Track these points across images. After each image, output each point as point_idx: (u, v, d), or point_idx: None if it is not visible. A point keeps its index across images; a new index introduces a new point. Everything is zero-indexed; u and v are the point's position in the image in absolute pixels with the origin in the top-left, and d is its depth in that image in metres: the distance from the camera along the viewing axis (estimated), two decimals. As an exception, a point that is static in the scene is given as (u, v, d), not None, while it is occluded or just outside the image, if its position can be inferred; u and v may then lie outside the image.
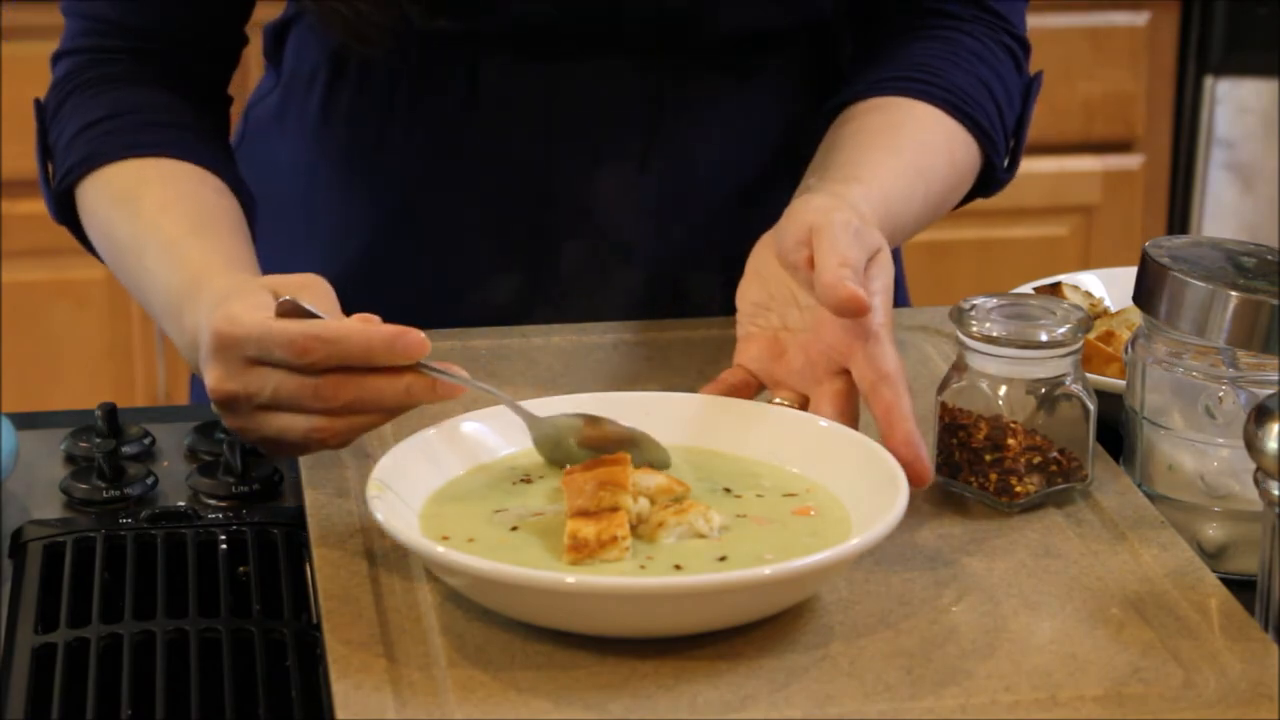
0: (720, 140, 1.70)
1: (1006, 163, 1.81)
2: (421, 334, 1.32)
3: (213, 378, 1.35)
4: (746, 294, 1.53)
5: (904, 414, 1.35)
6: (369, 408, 1.33)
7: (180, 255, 1.56)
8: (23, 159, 2.91)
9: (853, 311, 1.36)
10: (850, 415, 1.41)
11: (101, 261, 1.75)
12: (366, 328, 1.32)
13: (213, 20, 1.72)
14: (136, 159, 1.66)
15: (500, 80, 1.70)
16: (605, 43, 1.68)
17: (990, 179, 1.80)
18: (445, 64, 1.71)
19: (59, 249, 2.95)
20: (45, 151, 1.74)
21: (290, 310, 1.33)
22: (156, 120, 1.68)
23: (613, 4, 1.67)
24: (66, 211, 1.72)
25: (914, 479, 1.31)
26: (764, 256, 1.53)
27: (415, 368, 1.32)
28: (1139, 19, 3.10)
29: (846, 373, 1.40)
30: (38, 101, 1.75)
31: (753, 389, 1.47)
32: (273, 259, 1.75)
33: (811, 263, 1.41)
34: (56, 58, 1.77)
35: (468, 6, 1.64)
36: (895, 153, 1.68)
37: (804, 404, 1.43)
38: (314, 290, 1.41)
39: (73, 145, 1.69)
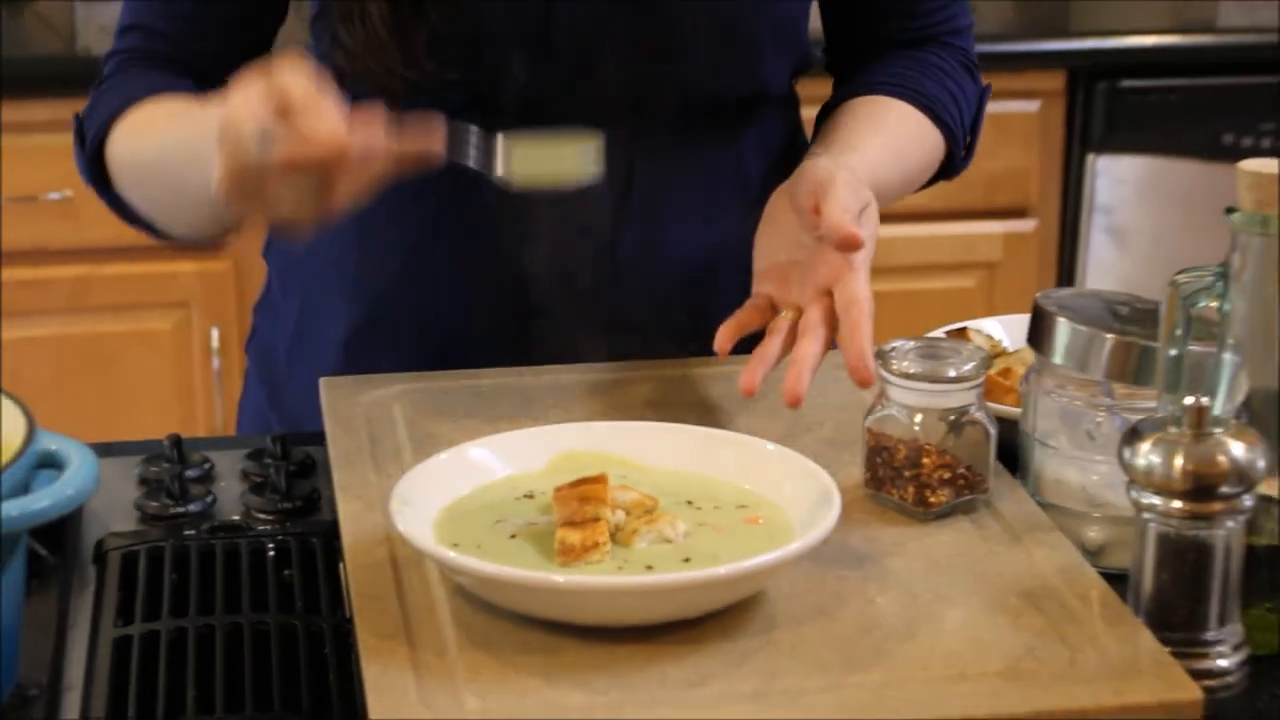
0: (688, 204, 1.69)
1: (964, 154, 1.85)
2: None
3: (225, 151, 1.32)
4: (763, 237, 1.60)
5: (863, 333, 1.43)
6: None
7: (193, 120, 1.52)
8: (107, 226, 2.92)
9: (850, 246, 1.45)
10: (830, 324, 1.47)
11: (133, 218, 1.72)
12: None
13: (243, 49, 1.67)
14: (146, 102, 1.65)
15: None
16: (582, 114, 1.66)
17: (951, 167, 1.85)
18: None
19: (136, 304, 2.97)
20: (81, 132, 1.71)
21: None
22: (172, 86, 1.67)
23: (583, 68, 1.65)
24: (98, 171, 1.70)
25: (860, 382, 1.40)
26: (779, 206, 1.60)
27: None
28: (1032, 106, 3.11)
29: (831, 293, 1.47)
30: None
31: (766, 313, 1.54)
32: (307, 305, 1.79)
33: (818, 209, 1.48)
34: (106, 57, 1.76)
35: (462, 61, 1.63)
36: (881, 134, 1.73)
37: (799, 317, 1.49)
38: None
39: (99, 113, 1.68)
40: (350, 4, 1.61)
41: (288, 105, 1.27)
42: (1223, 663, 1.26)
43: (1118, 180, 3.15)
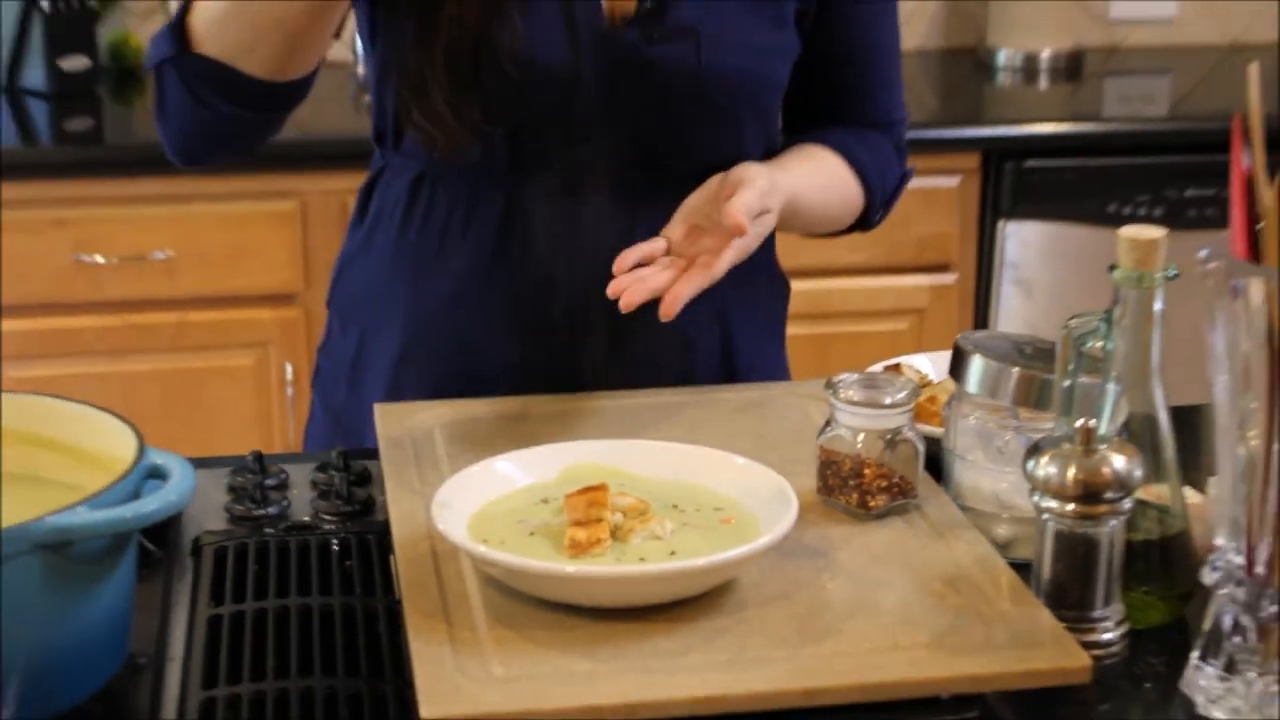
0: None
1: (879, 215, 1.84)
2: None
3: None
4: (691, 199, 1.60)
5: (692, 282, 1.49)
6: None
7: None
8: (201, 280, 2.94)
9: (734, 233, 1.50)
10: (701, 275, 1.51)
11: (206, 87, 1.56)
12: None
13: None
14: None
15: (525, 202, 1.67)
16: (597, 171, 1.66)
17: (867, 221, 1.83)
18: (486, 191, 1.68)
19: (224, 344, 2.98)
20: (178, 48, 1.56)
21: None
22: None
23: (600, 135, 1.65)
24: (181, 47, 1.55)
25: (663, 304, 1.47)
26: (710, 184, 1.59)
27: None
28: (953, 181, 3.11)
29: (716, 251, 1.52)
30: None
31: (660, 252, 1.55)
32: (364, 337, 1.77)
33: (729, 198, 1.51)
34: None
35: (504, 124, 1.63)
36: (814, 170, 1.73)
37: (689, 263, 1.53)
38: None
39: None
40: (415, 79, 1.61)
41: None
42: (1107, 635, 1.26)
43: (1023, 242, 3.16)
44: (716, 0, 1.65)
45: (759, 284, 1.79)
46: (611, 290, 1.49)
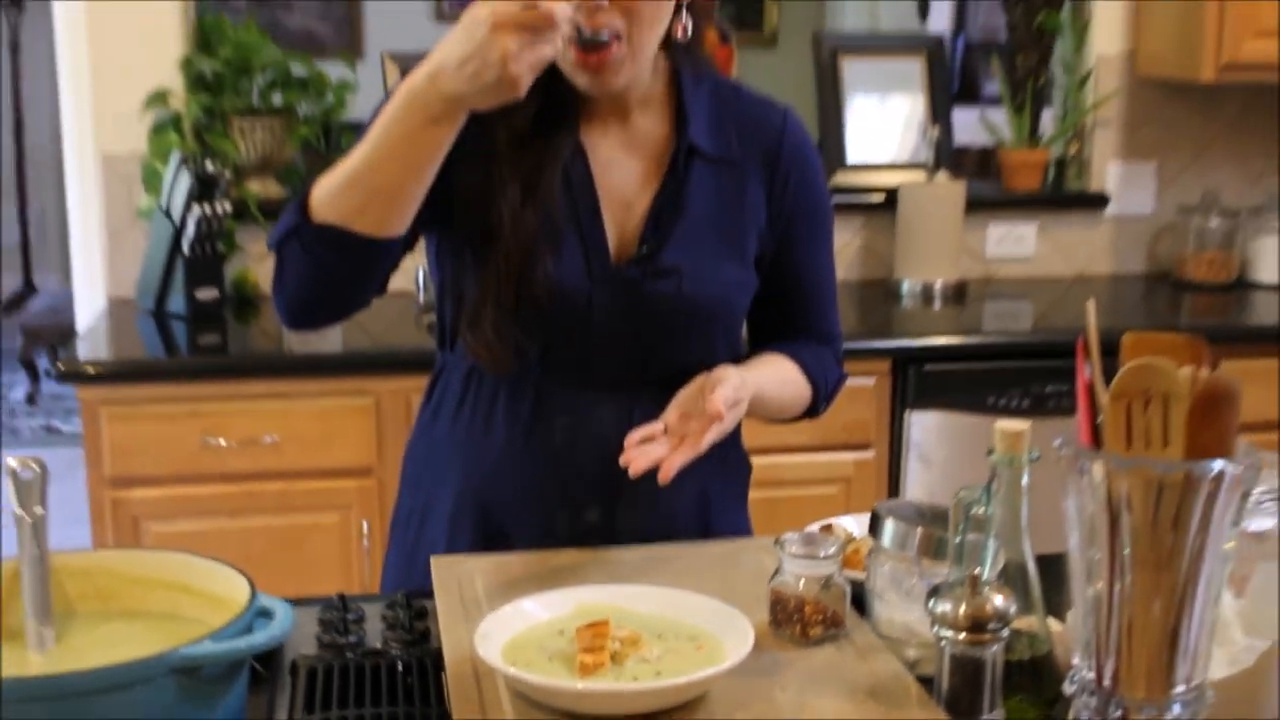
0: None
1: (823, 407, 1.83)
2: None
3: (493, 11, 1.36)
4: (682, 392, 1.60)
5: (682, 455, 1.51)
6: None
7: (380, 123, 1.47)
8: (303, 458, 2.95)
9: (714, 419, 1.50)
10: (691, 450, 1.52)
11: (323, 237, 1.51)
12: None
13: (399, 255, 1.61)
14: None
15: (547, 395, 1.67)
16: (605, 372, 1.67)
17: (814, 411, 1.82)
18: (520, 387, 1.68)
19: (316, 507, 2.97)
20: (302, 219, 1.53)
21: None
22: None
23: (607, 345, 1.66)
24: (304, 218, 1.52)
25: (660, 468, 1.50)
26: (696, 381, 1.59)
27: None
28: (871, 381, 3.13)
29: (700, 432, 1.52)
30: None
31: (659, 432, 1.55)
32: (428, 499, 1.76)
33: (711, 391, 1.53)
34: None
35: (537, 339, 1.64)
36: (773, 372, 1.73)
37: (681, 440, 1.54)
38: None
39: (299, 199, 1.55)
40: (471, 311, 1.63)
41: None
42: (993, 735, 1.26)
43: (924, 427, 3.16)
44: (695, 247, 1.67)
45: (729, 461, 1.79)
46: (623, 460, 1.51)
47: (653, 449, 1.52)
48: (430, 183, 1.50)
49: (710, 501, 1.75)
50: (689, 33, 1.64)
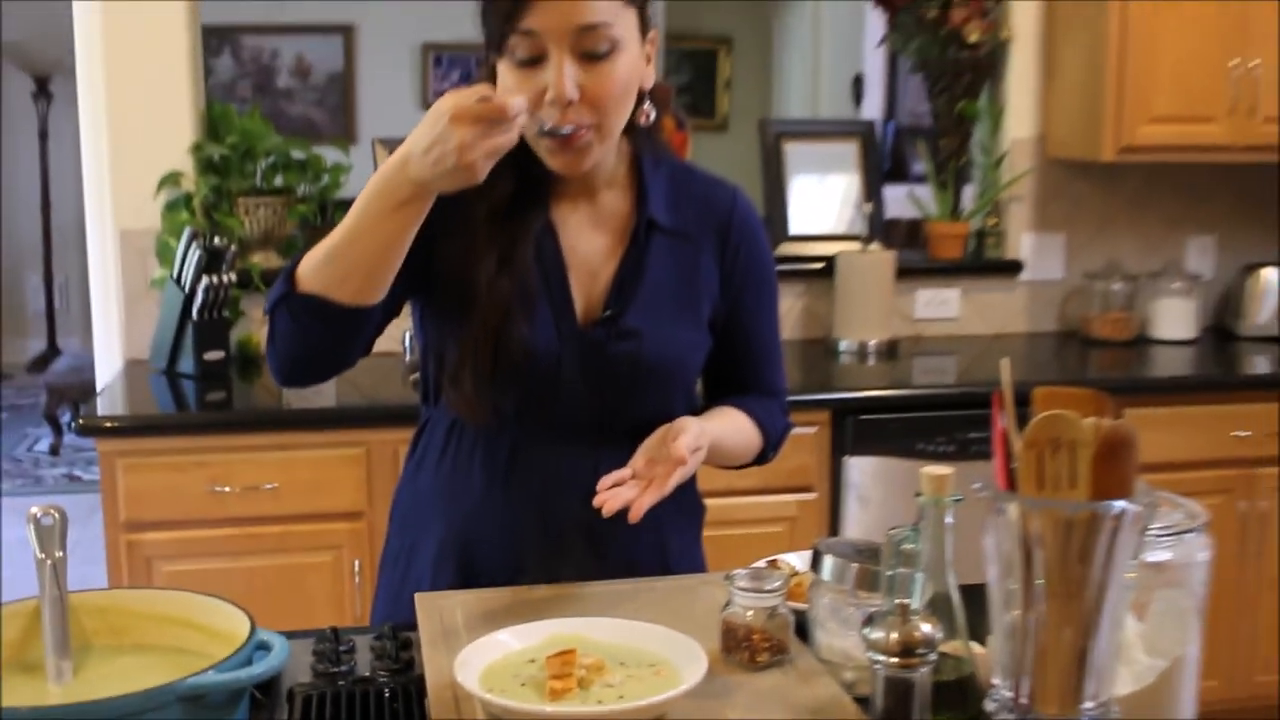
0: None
1: (772, 454, 1.84)
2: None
3: (449, 107, 1.37)
4: (648, 441, 1.60)
5: (650, 495, 1.50)
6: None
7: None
8: (300, 504, 2.94)
9: (679, 463, 1.51)
10: (658, 491, 1.52)
11: (308, 306, 1.51)
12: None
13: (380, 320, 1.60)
14: None
15: (522, 446, 1.67)
16: (572, 426, 1.67)
17: (764, 458, 1.82)
18: (497, 438, 1.67)
19: (311, 547, 2.95)
20: (289, 289, 1.54)
21: None
22: None
23: (574, 402, 1.65)
24: (290, 288, 1.53)
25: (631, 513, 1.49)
26: (660, 431, 1.60)
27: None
28: (813, 429, 3.13)
29: (665, 476, 1.52)
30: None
31: (628, 476, 1.54)
32: (414, 541, 1.74)
33: (675, 439, 1.54)
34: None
35: (513, 396, 1.63)
36: (728, 423, 1.73)
37: (648, 483, 1.53)
38: None
39: (287, 269, 1.56)
40: (452, 371, 1.63)
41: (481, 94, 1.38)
42: (923, 749, 1.25)
43: (861, 471, 3.17)
44: (654, 311, 1.67)
45: (685, 504, 1.78)
46: (596, 501, 1.50)
47: (623, 491, 1.51)
48: (403, 257, 1.49)
49: (669, 540, 1.75)
50: (651, 118, 1.66)
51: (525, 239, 1.62)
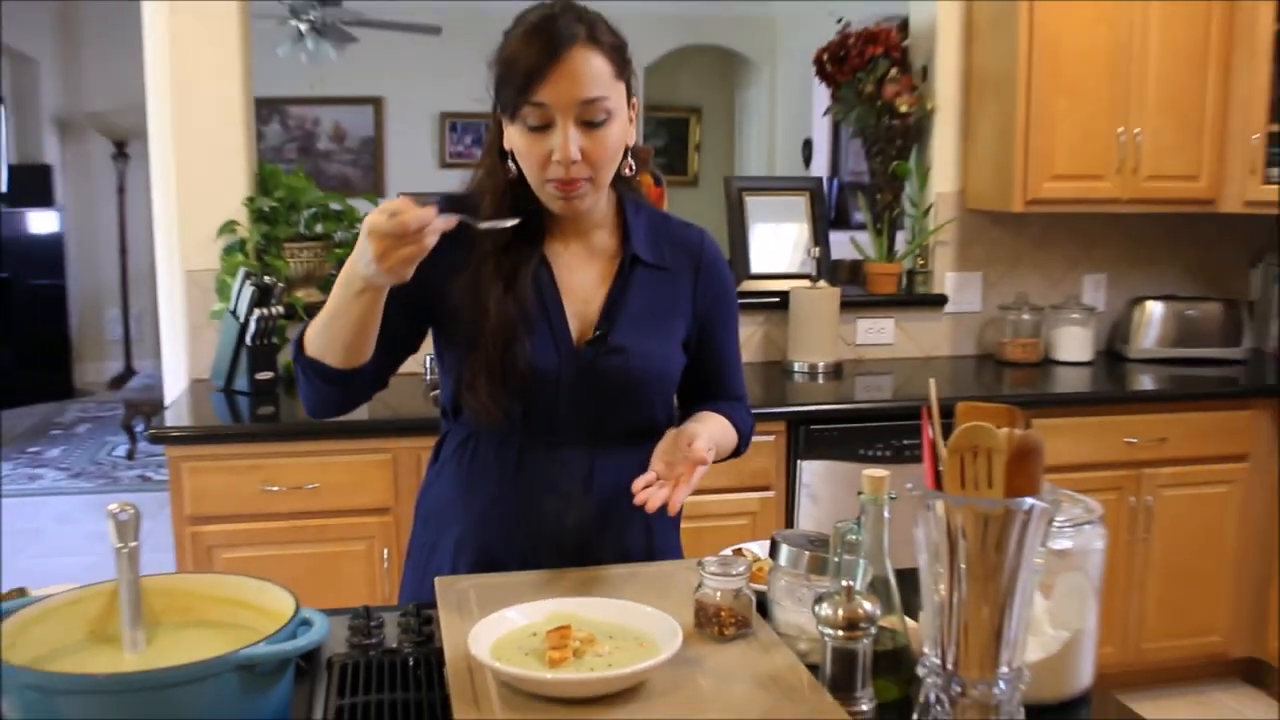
0: (622, 478, 1.59)
1: (744, 449, 1.82)
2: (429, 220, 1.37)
3: (368, 222, 1.38)
4: (662, 444, 1.60)
5: (680, 492, 1.50)
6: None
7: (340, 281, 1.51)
8: (337, 499, 2.93)
9: (698, 463, 1.51)
10: (681, 490, 1.51)
11: (316, 374, 1.57)
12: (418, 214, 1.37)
13: (374, 361, 1.61)
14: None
15: (528, 452, 1.67)
16: (572, 430, 1.66)
17: (739, 453, 1.81)
18: (507, 444, 1.67)
19: (347, 537, 2.93)
20: (299, 352, 1.60)
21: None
22: None
23: (574, 407, 1.64)
24: (300, 355, 1.59)
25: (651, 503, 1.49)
26: (670, 436, 1.61)
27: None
28: (771, 438, 3.12)
29: (688, 474, 1.52)
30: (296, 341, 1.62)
31: (654, 479, 1.53)
32: (437, 535, 1.73)
33: (690, 443, 1.54)
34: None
35: (519, 401, 1.63)
36: (715, 424, 1.72)
37: (675, 481, 1.52)
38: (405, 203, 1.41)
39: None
40: (468, 381, 1.62)
41: (394, 210, 1.37)
42: (865, 707, 1.25)
43: (813, 473, 3.16)
44: (637, 331, 1.67)
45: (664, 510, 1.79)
46: (637, 500, 1.50)
47: (658, 491, 1.51)
48: (376, 329, 1.53)
49: (654, 531, 1.74)
50: (634, 170, 1.68)
51: (525, 267, 1.63)
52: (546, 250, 1.68)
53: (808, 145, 8.49)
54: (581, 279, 1.69)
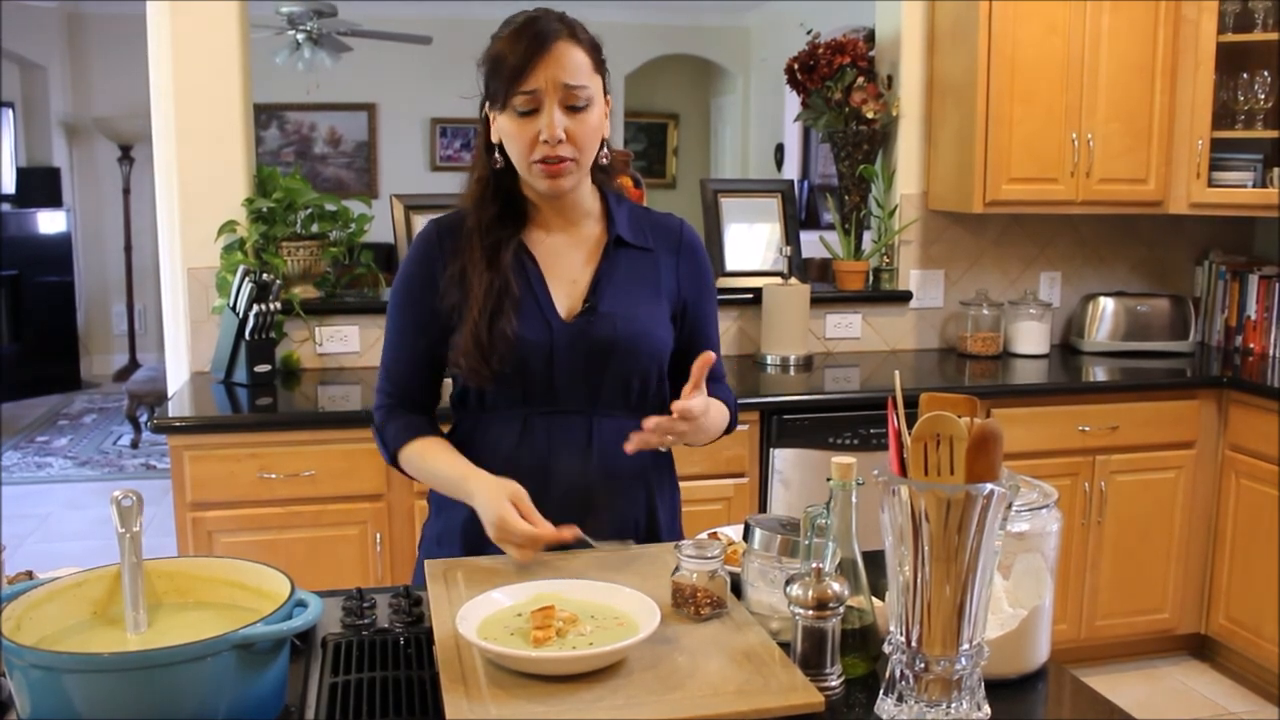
0: (620, 441, 1.60)
1: (733, 428, 1.82)
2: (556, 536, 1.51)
3: (491, 530, 1.51)
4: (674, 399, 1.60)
5: (677, 429, 1.53)
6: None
7: (449, 462, 1.65)
8: (332, 487, 2.91)
9: (689, 417, 1.53)
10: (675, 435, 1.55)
11: (408, 476, 1.73)
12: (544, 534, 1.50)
13: (429, 388, 1.73)
14: (418, 439, 1.69)
15: (532, 420, 1.67)
16: (569, 395, 1.66)
17: (729, 430, 1.80)
18: (510, 418, 1.68)
19: (342, 522, 2.92)
20: (382, 439, 1.73)
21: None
22: (418, 425, 1.71)
23: (568, 372, 1.65)
24: (394, 463, 1.72)
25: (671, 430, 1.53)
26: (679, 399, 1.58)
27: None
28: (746, 426, 3.11)
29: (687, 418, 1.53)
30: (374, 413, 1.75)
31: (674, 417, 1.53)
32: (448, 514, 1.73)
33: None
34: (377, 395, 1.75)
35: (511, 367, 1.64)
36: (710, 402, 1.69)
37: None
38: (521, 495, 1.54)
39: (389, 436, 1.71)
40: (462, 346, 1.63)
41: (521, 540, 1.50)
42: (834, 683, 1.25)
43: (784, 460, 3.15)
44: (624, 300, 1.68)
45: (665, 487, 1.79)
46: (628, 447, 1.55)
47: (648, 436, 1.55)
48: None
49: (656, 508, 1.75)
50: (609, 159, 1.71)
51: (505, 245, 1.67)
52: (532, 240, 1.70)
53: (779, 149, 8.50)
54: (568, 263, 1.71)
